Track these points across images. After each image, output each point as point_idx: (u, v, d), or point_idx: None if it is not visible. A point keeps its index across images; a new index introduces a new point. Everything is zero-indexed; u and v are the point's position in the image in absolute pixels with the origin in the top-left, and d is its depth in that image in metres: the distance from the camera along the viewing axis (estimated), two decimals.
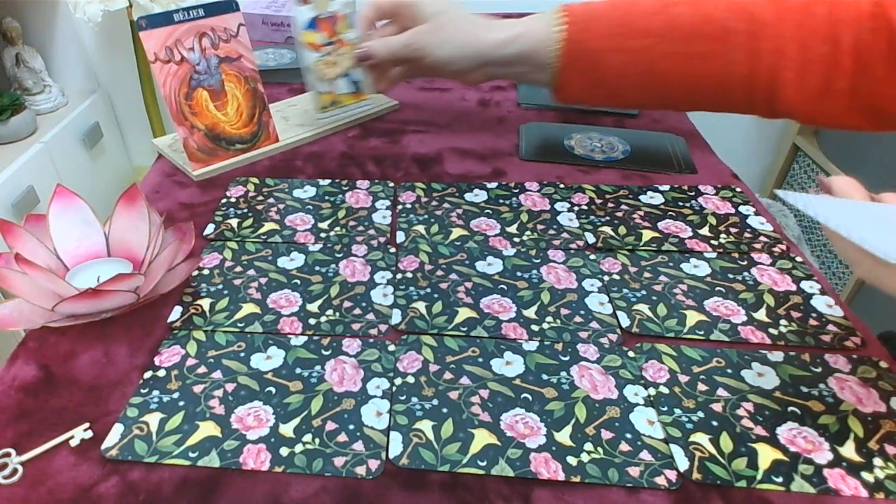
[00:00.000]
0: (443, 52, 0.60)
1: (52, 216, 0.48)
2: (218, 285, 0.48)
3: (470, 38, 0.59)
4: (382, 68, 0.65)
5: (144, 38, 0.58)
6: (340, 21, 0.64)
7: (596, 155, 0.65)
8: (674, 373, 0.41)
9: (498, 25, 0.60)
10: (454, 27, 0.59)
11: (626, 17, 0.54)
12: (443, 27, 0.59)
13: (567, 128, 0.71)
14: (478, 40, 0.59)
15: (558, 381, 0.40)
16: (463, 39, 0.59)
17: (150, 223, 0.48)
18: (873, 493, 0.34)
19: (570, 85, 0.59)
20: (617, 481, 0.35)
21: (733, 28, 0.52)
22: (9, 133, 1.30)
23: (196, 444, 0.36)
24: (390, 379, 0.41)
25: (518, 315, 0.45)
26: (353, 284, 0.48)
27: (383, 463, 0.35)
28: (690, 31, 0.53)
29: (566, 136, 0.69)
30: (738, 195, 0.59)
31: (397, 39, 0.62)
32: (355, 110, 0.68)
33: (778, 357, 0.42)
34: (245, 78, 0.64)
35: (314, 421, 0.38)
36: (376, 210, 0.57)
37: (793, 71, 0.51)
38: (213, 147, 0.63)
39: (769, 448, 0.36)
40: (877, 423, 0.37)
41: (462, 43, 0.59)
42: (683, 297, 0.47)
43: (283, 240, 0.53)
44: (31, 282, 0.43)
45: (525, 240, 0.53)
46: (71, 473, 0.35)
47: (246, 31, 0.63)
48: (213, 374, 0.41)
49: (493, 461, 0.35)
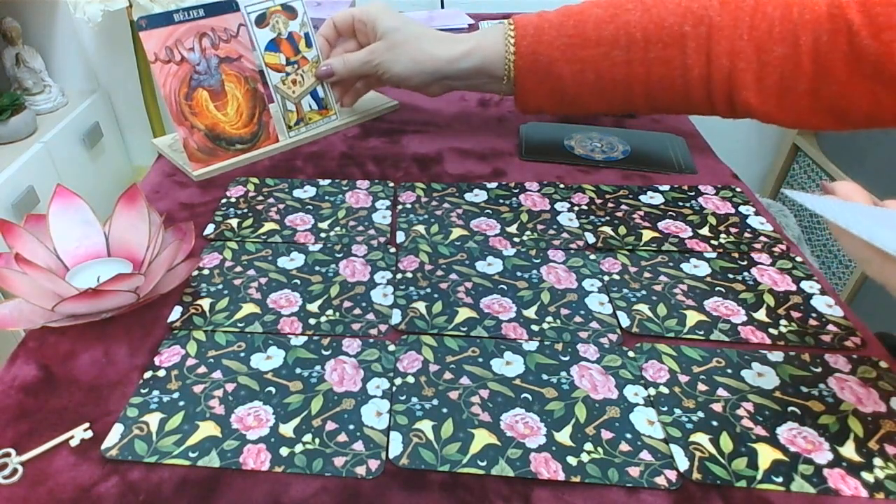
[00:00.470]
0: (399, 69, 0.62)
1: (52, 216, 0.48)
2: (218, 285, 0.48)
3: (423, 55, 0.61)
4: (346, 83, 0.69)
5: (144, 38, 0.58)
6: (299, 41, 0.67)
7: (596, 155, 0.65)
8: (674, 373, 0.41)
9: (451, 40, 0.61)
10: (408, 44, 0.61)
11: (576, 26, 0.55)
12: (397, 45, 0.61)
13: (567, 128, 0.71)
14: (431, 57, 0.61)
15: (558, 381, 0.40)
16: (417, 56, 0.61)
17: (150, 223, 0.48)
18: (873, 493, 0.34)
19: (529, 95, 0.61)
20: (617, 481, 0.35)
21: (688, 32, 0.52)
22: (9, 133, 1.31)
23: (196, 444, 0.36)
24: (390, 379, 0.41)
25: (518, 315, 0.45)
26: (353, 284, 0.48)
27: (383, 463, 0.35)
28: (644, 36, 0.53)
29: (566, 136, 0.69)
30: (738, 195, 0.59)
31: (356, 56, 0.64)
32: (323, 126, 0.69)
33: (778, 357, 0.42)
34: (245, 78, 0.64)
35: (314, 421, 0.38)
36: (376, 210, 0.57)
37: (750, 73, 0.52)
38: (213, 147, 0.63)
39: (769, 448, 0.36)
40: (877, 423, 0.37)
41: (416, 60, 0.61)
42: (683, 297, 0.47)
43: (283, 240, 0.53)
44: (31, 282, 0.43)
45: (525, 240, 0.53)
46: (71, 473, 0.35)
47: (246, 31, 0.63)
48: (213, 374, 0.41)
49: (493, 461, 0.35)
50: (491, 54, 0.59)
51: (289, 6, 0.66)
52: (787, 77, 0.51)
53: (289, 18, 0.66)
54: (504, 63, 0.59)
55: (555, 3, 0.61)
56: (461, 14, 1.04)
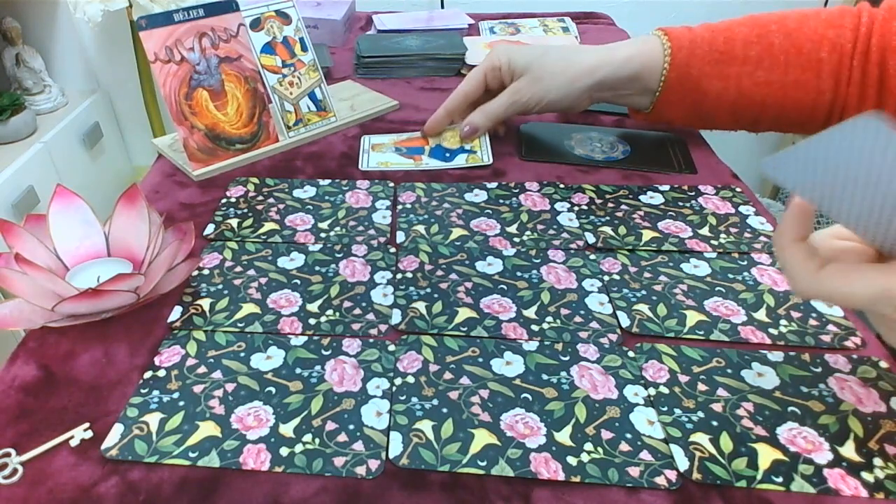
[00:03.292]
0: (553, 95, 0.61)
1: (52, 216, 0.48)
2: (218, 285, 0.48)
3: (577, 71, 0.60)
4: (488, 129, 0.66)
5: (144, 38, 0.58)
6: (294, 45, 0.67)
7: (596, 155, 0.65)
8: (674, 373, 0.41)
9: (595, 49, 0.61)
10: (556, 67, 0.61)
11: (726, 43, 0.57)
12: (543, 76, 0.61)
13: (567, 128, 0.71)
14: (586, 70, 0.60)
15: (558, 381, 0.40)
16: (570, 74, 0.60)
17: (150, 223, 0.48)
18: (873, 493, 0.34)
19: (667, 107, 0.61)
20: (617, 481, 0.35)
21: (824, 58, 0.55)
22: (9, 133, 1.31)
23: (196, 444, 0.36)
24: (390, 379, 0.41)
25: (518, 315, 0.45)
26: (353, 284, 0.48)
27: (383, 463, 0.35)
28: (786, 60, 0.55)
29: (566, 136, 0.69)
30: (738, 195, 0.59)
31: (497, 104, 0.63)
32: (322, 127, 0.69)
33: (778, 357, 0.42)
34: (245, 78, 0.64)
35: (314, 421, 0.38)
36: (376, 210, 0.57)
37: (855, 97, 0.55)
38: (213, 147, 0.63)
39: (769, 448, 0.36)
40: (877, 423, 0.37)
41: (571, 78, 0.60)
42: (683, 297, 0.47)
43: (283, 240, 0.53)
44: (31, 282, 0.43)
45: (525, 240, 0.53)
46: (71, 473, 0.35)
47: (246, 31, 0.63)
48: (213, 374, 0.41)
49: (493, 461, 0.35)
50: (650, 62, 0.59)
51: (282, 12, 0.66)
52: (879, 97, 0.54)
53: (283, 24, 0.67)
54: (661, 73, 0.59)
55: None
56: (461, 14, 1.04)
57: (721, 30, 0.58)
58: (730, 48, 0.57)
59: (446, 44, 0.88)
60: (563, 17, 1.03)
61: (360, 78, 0.85)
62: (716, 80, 0.57)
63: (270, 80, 0.66)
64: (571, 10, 1.07)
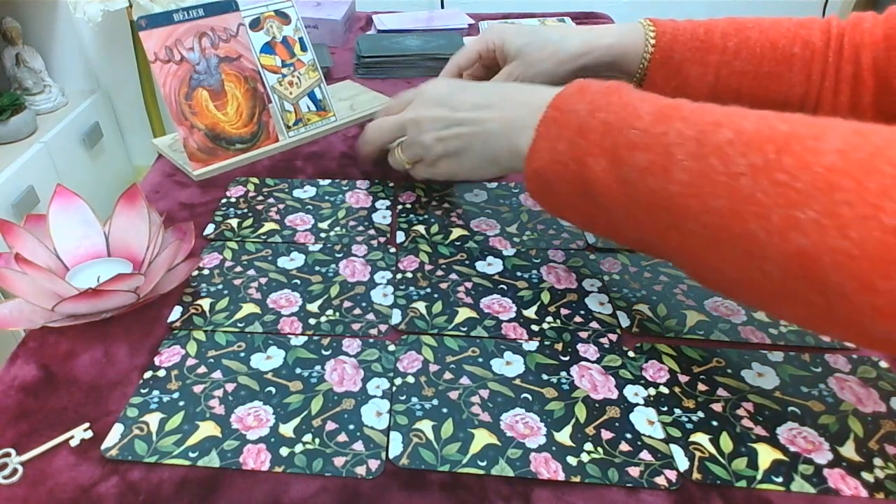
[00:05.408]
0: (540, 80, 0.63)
1: (52, 216, 0.48)
2: (218, 285, 0.48)
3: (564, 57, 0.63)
4: None
5: (144, 38, 0.58)
6: (294, 45, 0.67)
7: None
8: (674, 373, 0.41)
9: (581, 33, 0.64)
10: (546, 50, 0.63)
11: (706, 33, 0.61)
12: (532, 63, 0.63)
13: None
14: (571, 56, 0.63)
15: (558, 381, 0.40)
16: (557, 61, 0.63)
17: (150, 223, 0.48)
18: (873, 493, 0.34)
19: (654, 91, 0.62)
20: (617, 481, 0.35)
21: (796, 53, 0.58)
22: (9, 133, 1.31)
23: (196, 444, 0.36)
24: (390, 379, 0.41)
25: (518, 315, 0.45)
26: (353, 284, 0.48)
27: (383, 463, 0.35)
28: (761, 52, 0.59)
29: None
30: None
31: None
32: (322, 127, 0.69)
33: (778, 357, 0.42)
34: (245, 78, 0.64)
35: (314, 421, 0.38)
36: (376, 210, 0.57)
37: (829, 90, 0.57)
38: (213, 147, 0.63)
39: (769, 448, 0.36)
40: (877, 423, 0.37)
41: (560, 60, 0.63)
42: (683, 297, 0.47)
43: (283, 240, 0.53)
44: (31, 282, 0.43)
45: (525, 240, 0.53)
46: (71, 473, 0.35)
47: (245, 31, 0.63)
48: (213, 374, 0.41)
49: (493, 461, 0.35)
50: (630, 51, 0.62)
51: (282, 12, 0.66)
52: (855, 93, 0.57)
53: (282, 24, 0.67)
54: (641, 60, 0.61)
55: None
56: (461, 14, 1.04)
57: (702, 23, 0.62)
58: (710, 38, 0.60)
59: (446, 44, 0.88)
60: (562, 17, 1.03)
61: (359, 78, 0.85)
62: (696, 66, 0.60)
63: (270, 80, 0.66)
64: (571, 9, 1.07)
